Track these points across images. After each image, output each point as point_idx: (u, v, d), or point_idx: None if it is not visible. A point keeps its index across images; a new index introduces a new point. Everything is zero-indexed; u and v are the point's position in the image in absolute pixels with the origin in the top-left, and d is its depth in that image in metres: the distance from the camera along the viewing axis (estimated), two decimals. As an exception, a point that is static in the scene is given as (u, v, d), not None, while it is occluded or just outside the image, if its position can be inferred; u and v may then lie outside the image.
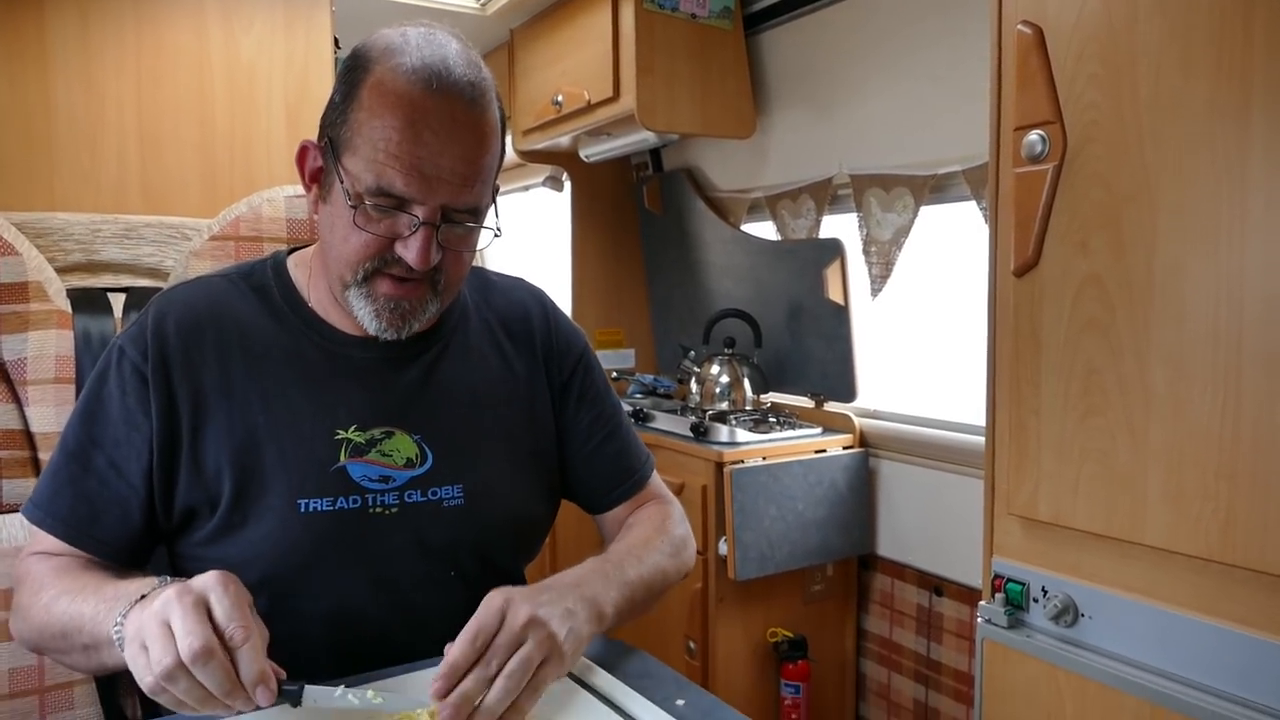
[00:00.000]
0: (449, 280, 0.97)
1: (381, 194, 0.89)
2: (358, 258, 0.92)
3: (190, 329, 0.98)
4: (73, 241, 1.34)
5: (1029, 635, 1.16)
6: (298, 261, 1.07)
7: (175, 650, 0.69)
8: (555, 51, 2.66)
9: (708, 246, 2.81)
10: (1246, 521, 0.94)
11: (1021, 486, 1.17)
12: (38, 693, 1.13)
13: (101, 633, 0.81)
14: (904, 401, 2.30)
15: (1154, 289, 1.01)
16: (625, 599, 0.95)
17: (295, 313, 1.02)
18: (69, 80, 1.49)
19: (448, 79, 0.88)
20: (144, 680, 0.71)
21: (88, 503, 0.94)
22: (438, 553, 1.00)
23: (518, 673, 0.78)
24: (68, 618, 0.85)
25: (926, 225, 2.09)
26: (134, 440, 0.94)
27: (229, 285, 1.03)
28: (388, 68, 0.89)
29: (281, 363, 0.99)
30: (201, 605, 0.72)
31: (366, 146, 0.88)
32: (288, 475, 0.95)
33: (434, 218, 0.90)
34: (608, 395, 1.17)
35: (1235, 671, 0.96)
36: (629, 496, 1.15)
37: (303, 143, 0.97)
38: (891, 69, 2.15)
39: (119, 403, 0.95)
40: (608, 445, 1.14)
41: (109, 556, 0.95)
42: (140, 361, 0.95)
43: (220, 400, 0.96)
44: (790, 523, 2.16)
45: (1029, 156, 1.12)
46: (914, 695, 2.21)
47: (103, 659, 0.84)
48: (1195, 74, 0.96)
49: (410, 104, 0.87)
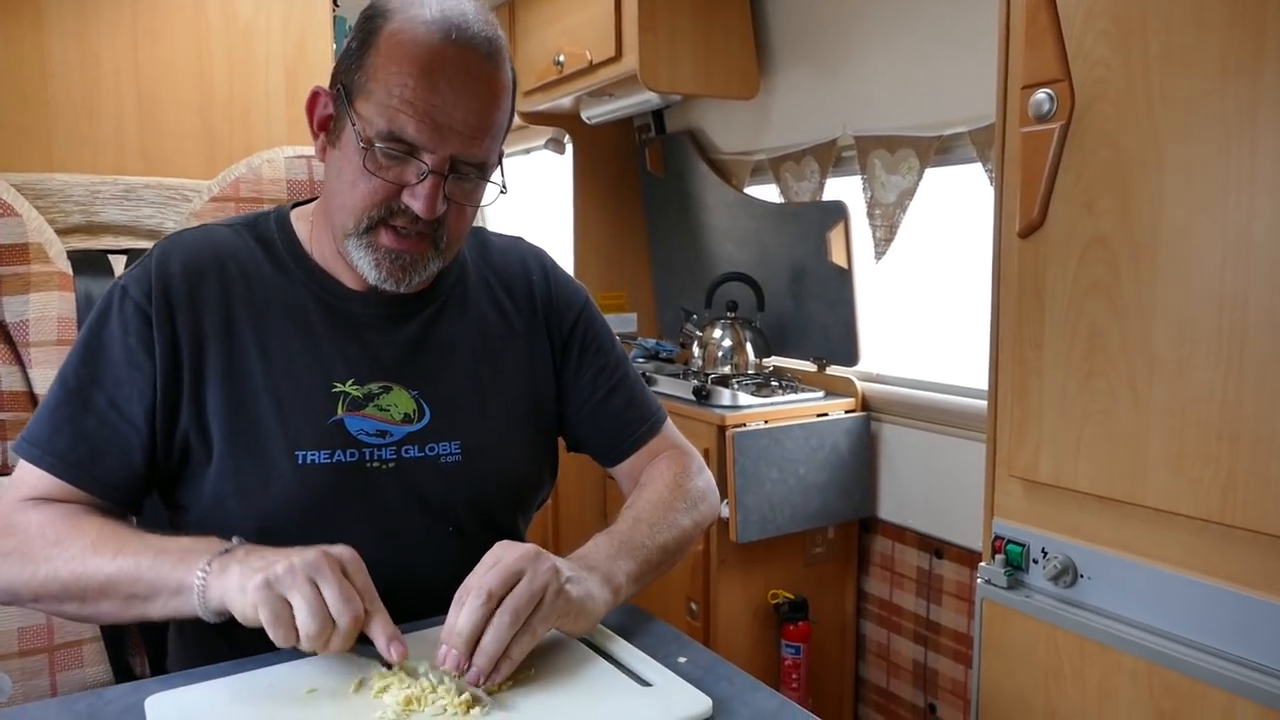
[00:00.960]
0: (451, 236, 0.97)
1: (393, 139, 0.89)
2: (364, 204, 0.92)
3: (195, 273, 0.98)
4: (72, 203, 1.33)
5: (1028, 596, 1.17)
6: (300, 215, 1.07)
7: (325, 612, 0.76)
8: (556, 10, 2.62)
9: (710, 209, 2.80)
10: (1247, 483, 0.94)
11: (1022, 448, 1.17)
12: (47, 651, 1.14)
13: (167, 583, 0.83)
14: (906, 365, 2.30)
15: (1159, 249, 1.00)
16: (641, 566, 0.96)
17: (298, 265, 1.03)
18: (64, 40, 1.47)
19: (466, 32, 0.89)
20: (278, 627, 0.76)
21: (87, 440, 0.93)
22: (436, 509, 1.01)
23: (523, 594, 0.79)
24: (113, 568, 0.85)
25: (931, 188, 2.07)
26: (136, 380, 0.94)
27: (233, 234, 1.04)
28: (406, 17, 0.90)
29: (282, 313, 0.99)
30: (341, 571, 0.79)
31: (381, 91, 0.89)
32: (284, 426, 0.95)
33: (443, 167, 0.91)
34: (612, 347, 1.18)
35: (1234, 631, 0.97)
36: (640, 446, 1.15)
37: (314, 88, 0.97)
38: (897, 28, 2.12)
39: (121, 342, 0.95)
40: (614, 396, 1.14)
41: (106, 497, 0.94)
42: (144, 302, 0.95)
43: (221, 345, 0.96)
44: (792, 486, 2.17)
45: (1036, 116, 1.11)
46: (913, 656, 2.24)
47: (148, 609, 0.85)
48: (1206, 29, 0.94)
49: (428, 52, 0.88)
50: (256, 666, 0.83)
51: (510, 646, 0.78)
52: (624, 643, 0.87)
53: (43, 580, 0.88)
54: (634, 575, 0.94)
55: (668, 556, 1.02)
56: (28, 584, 0.88)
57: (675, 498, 1.07)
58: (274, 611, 0.76)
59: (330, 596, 0.76)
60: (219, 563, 0.82)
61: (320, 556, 0.78)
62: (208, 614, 0.82)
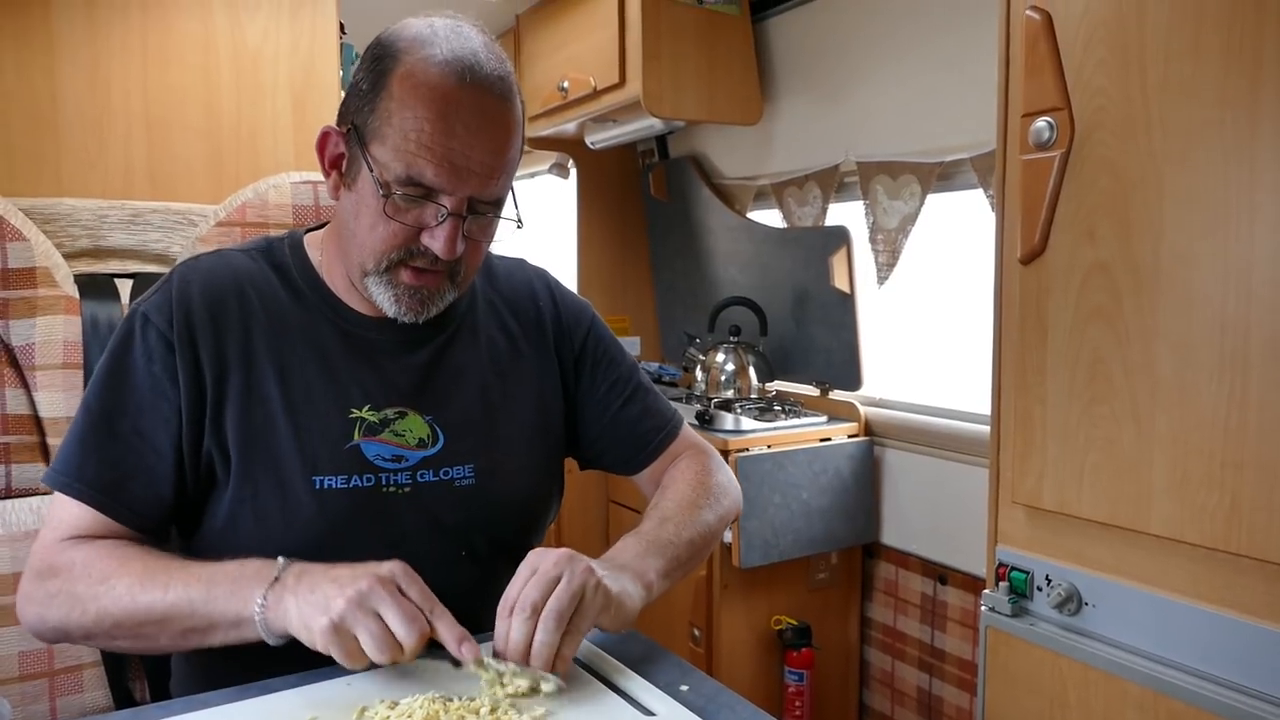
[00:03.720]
0: (467, 269, 0.99)
1: (411, 184, 0.90)
2: (384, 247, 0.93)
3: (215, 299, 0.99)
4: (80, 227, 1.34)
5: (1032, 623, 1.17)
6: (312, 242, 1.07)
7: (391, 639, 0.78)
8: (562, 37, 2.65)
9: (713, 234, 2.81)
10: (1252, 510, 0.93)
11: (1026, 475, 1.17)
12: (47, 675, 1.14)
13: (225, 615, 0.84)
14: (909, 390, 2.30)
15: (1161, 277, 1.00)
16: (670, 563, 0.98)
17: (313, 291, 1.03)
18: (75, 66, 1.49)
19: (479, 72, 0.90)
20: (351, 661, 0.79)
21: (114, 467, 0.94)
22: (450, 532, 1.01)
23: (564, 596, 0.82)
24: (167, 604, 0.86)
25: (933, 213, 2.08)
26: (161, 408, 0.95)
27: (249, 260, 1.04)
28: (418, 58, 0.90)
29: (299, 339, 1.00)
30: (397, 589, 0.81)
31: (396, 136, 0.89)
32: (302, 451, 0.96)
33: (461, 209, 0.92)
34: (622, 359, 1.19)
35: (1239, 660, 0.96)
36: (661, 451, 1.16)
37: (324, 128, 0.98)
38: (899, 56, 2.13)
39: (144, 370, 0.95)
40: (631, 406, 1.16)
41: (135, 525, 0.94)
42: (166, 329, 0.96)
43: (241, 371, 0.97)
44: (795, 511, 2.16)
45: (1036, 143, 1.12)
46: (918, 683, 2.22)
47: (208, 639, 0.87)
48: (1204, 59, 0.95)
49: (443, 96, 0.88)
50: (261, 692, 0.83)
51: (561, 647, 0.82)
52: (627, 670, 0.87)
53: (94, 619, 0.88)
54: (663, 572, 0.97)
55: (695, 552, 1.04)
56: (79, 623, 0.89)
57: (699, 495, 1.09)
58: (345, 651, 0.79)
59: (394, 623, 0.79)
60: (274, 595, 0.83)
61: (374, 583, 0.80)
62: (273, 640, 0.84)
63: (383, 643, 0.78)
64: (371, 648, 0.78)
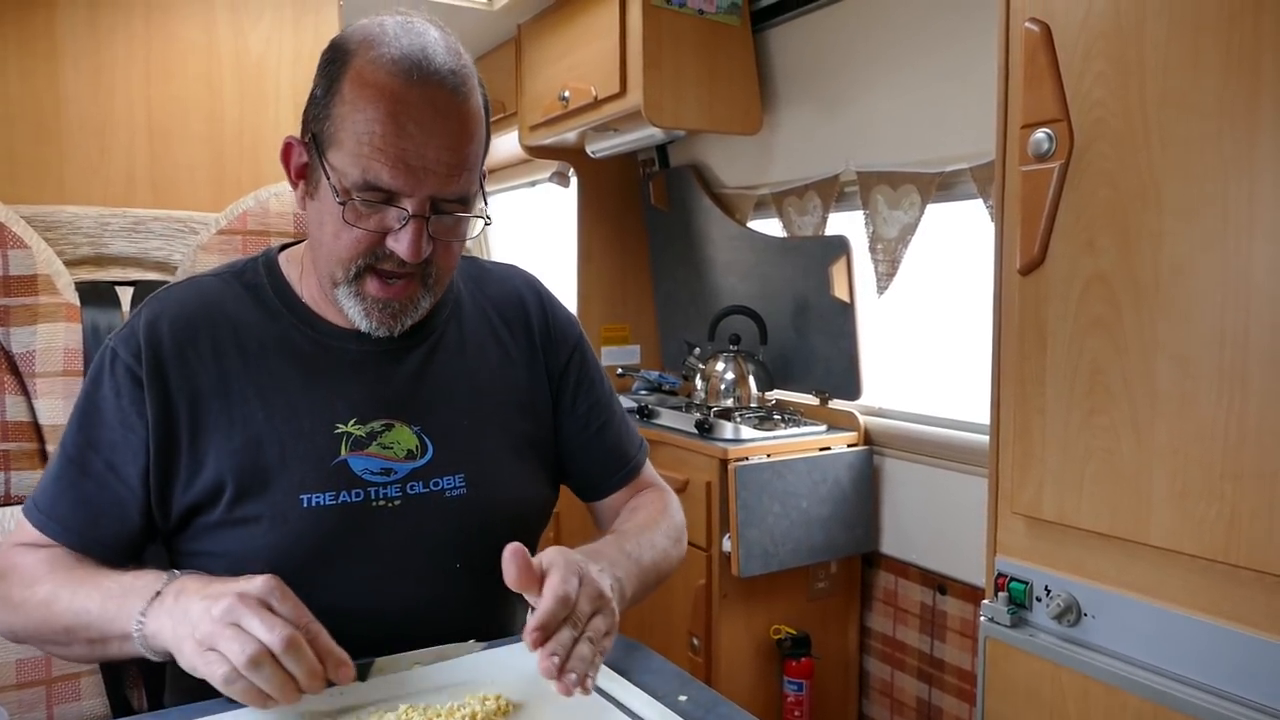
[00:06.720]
0: (440, 271, 0.96)
1: (369, 188, 0.88)
2: (349, 254, 0.92)
3: (184, 329, 0.98)
4: (81, 235, 1.34)
5: (1032, 634, 1.16)
6: (289, 258, 1.06)
7: (258, 643, 0.73)
8: (562, 47, 2.66)
9: (714, 243, 2.81)
10: (1251, 521, 0.94)
11: (1025, 485, 1.17)
12: (44, 683, 1.14)
13: (114, 629, 0.83)
14: (909, 400, 2.30)
15: (1160, 288, 1.01)
16: (639, 583, 0.98)
17: (289, 309, 1.02)
18: (78, 74, 1.50)
19: (428, 68, 0.87)
20: (217, 673, 0.73)
21: (87, 506, 0.94)
22: (442, 544, 1.00)
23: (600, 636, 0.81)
24: (71, 615, 0.86)
25: (933, 223, 2.09)
26: (130, 442, 0.94)
27: (221, 284, 1.03)
28: (367, 59, 0.88)
29: (278, 359, 0.99)
30: (265, 605, 0.76)
31: (350, 140, 0.88)
32: (289, 471, 0.95)
33: (423, 209, 0.90)
34: (602, 383, 1.18)
35: (1238, 672, 0.96)
36: (625, 483, 1.16)
37: (286, 139, 0.97)
38: (899, 66, 2.14)
39: (114, 405, 0.95)
40: (605, 433, 1.15)
41: (108, 558, 0.95)
42: (134, 363, 0.95)
43: (218, 400, 0.96)
44: (794, 520, 2.16)
45: (1036, 154, 1.12)
46: (917, 693, 2.21)
47: (109, 651, 0.86)
48: (1204, 71, 0.96)
49: (391, 95, 0.86)
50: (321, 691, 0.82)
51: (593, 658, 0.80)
52: (625, 682, 0.87)
53: (23, 624, 0.91)
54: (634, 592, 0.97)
55: (657, 580, 1.04)
56: (10, 626, 0.92)
57: (669, 528, 1.10)
58: (214, 674, 0.74)
59: (255, 630, 0.74)
60: (152, 611, 0.81)
61: (236, 601, 0.76)
62: (155, 658, 0.82)
63: (250, 660, 0.72)
64: (243, 663, 0.72)
